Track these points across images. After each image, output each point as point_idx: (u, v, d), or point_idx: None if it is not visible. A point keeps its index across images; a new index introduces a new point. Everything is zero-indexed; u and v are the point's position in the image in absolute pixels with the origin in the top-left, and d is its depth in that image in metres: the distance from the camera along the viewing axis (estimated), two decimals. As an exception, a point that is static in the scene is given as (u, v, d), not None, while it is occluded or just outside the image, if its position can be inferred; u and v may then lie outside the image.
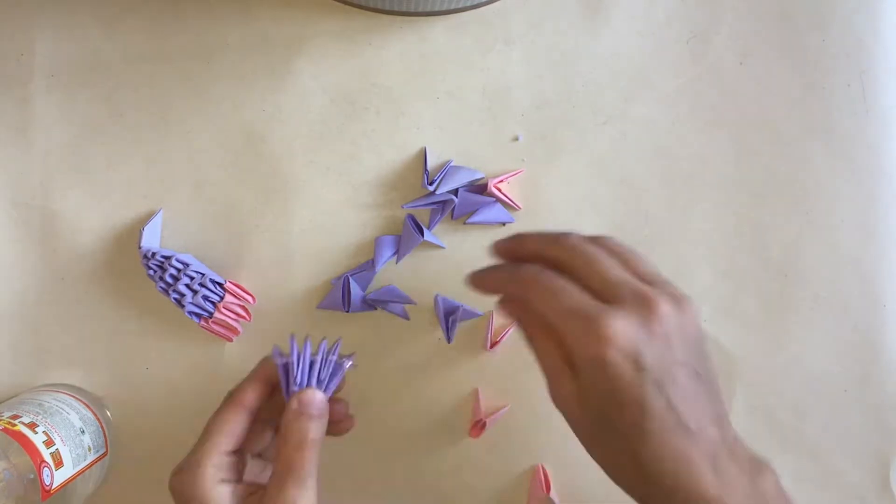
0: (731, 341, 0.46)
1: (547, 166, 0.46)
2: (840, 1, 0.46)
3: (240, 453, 0.37)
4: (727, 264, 0.46)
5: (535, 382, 0.45)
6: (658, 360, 0.33)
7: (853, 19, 0.46)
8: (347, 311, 0.45)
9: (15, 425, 0.39)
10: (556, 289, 0.35)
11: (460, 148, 0.46)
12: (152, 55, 0.46)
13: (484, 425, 0.45)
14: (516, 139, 0.46)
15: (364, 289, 0.46)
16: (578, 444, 0.41)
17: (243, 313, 0.46)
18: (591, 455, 0.36)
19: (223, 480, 0.36)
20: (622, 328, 0.33)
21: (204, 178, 0.47)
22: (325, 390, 0.37)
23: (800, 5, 0.46)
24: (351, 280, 0.45)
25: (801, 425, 0.46)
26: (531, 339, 0.37)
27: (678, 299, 0.35)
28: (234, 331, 0.45)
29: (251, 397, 0.38)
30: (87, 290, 0.47)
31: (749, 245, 0.46)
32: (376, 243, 0.45)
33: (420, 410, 0.46)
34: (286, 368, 0.37)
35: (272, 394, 0.38)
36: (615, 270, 0.36)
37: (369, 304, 0.46)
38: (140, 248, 0.45)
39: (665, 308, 0.34)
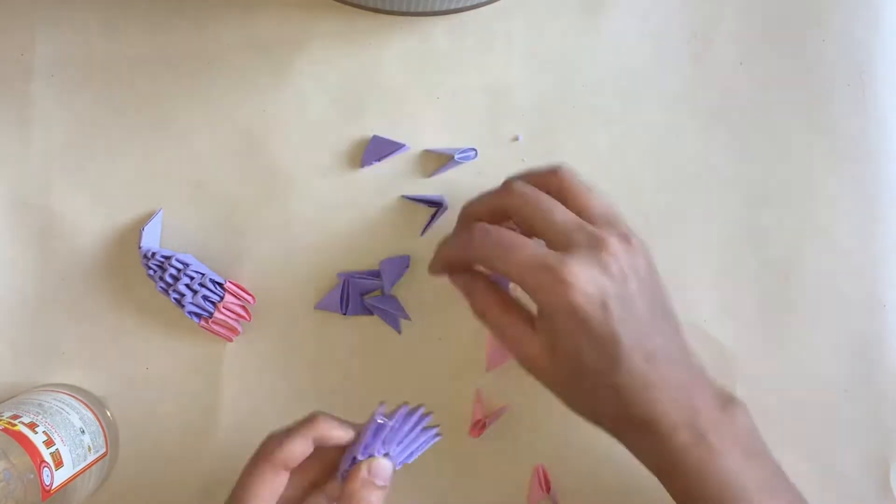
0: (731, 341, 0.46)
1: (547, 166, 0.46)
2: (840, 1, 0.46)
3: None
4: (727, 264, 0.46)
5: (535, 383, 0.45)
6: (618, 295, 0.35)
7: (853, 19, 0.46)
8: (345, 314, 0.45)
9: (15, 425, 0.39)
10: (510, 245, 0.36)
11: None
12: (152, 55, 0.46)
13: (484, 425, 0.45)
14: (516, 139, 0.46)
15: (365, 293, 0.46)
16: (578, 443, 0.41)
17: (243, 313, 0.46)
18: (569, 404, 0.38)
19: None
20: (582, 273, 0.35)
21: (204, 178, 0.47)
22: (399, 460, 0.37)
23: (800, 5, 0.46)
24: (351, 283, 0.45)
25: (801, 425, 0.46)
26: (484, 314, 0.39)
27: (626, 238, 0.37)
28: (234, 331, 0.45)
29: (295, 456, 0.35)
30: (87, 290, 0.47)
31: (749, 245, 0.46)
32: (381, 267, 0.45)
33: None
34: (377, 430, 0.36)
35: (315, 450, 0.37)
36: (564, 216, 0.37)
37: (367, 309, 0.46)
38: (140, 248, 0.45)
39: (616, 247, 0.36)
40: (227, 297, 0.45)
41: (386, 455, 0.37)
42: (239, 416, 0.46)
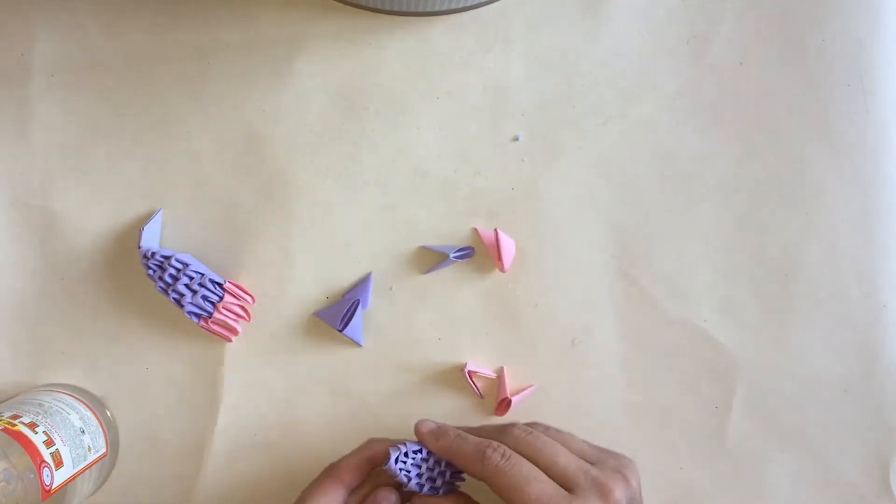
0: (731, 341, 0.46)
1: (547, 166, 0.46)
2: (840, 1, 0.46)
3: None
4: (727, 264, 0.46)
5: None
6: None
7: (853, 19, 0.46)
8: (340, 331, 0.45)
9: (15, 425, 0.39)
10: (526, 476, 0.38)
11: (460, 148, 0.46)
12: (152, 55, 0.46)
13: (509, 404, 0.45)
14: (516, 139, 0.46)
15: (366, 305, 0.46)
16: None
17: (242, 313, 0.46)
18: None
19: None
20: None
21: (204, 178, 0.47)
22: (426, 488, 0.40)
23: (800, 5, 0.46)
24: (359, 307, 0.45)
25: (801, 425, 0.46)
26: None
27: (624, 474, 0.38)
28: (234, 331, 0.45)
29: (352, 476, 0.41)
30: (87, 290, 0.47)
31: (749, 245, 0.46)
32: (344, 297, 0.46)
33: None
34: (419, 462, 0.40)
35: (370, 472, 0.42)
36: (568, 459, 0.39)
37: (359, 334, 0.46)
38: (140, 248, 0.45)
39: (619, 493, 0.37)
40: (227, 298, 0.45)
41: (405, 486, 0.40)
42: (239, 416, 0.46)
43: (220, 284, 0.45)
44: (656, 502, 0.46)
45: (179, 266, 0.44)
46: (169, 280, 0.44)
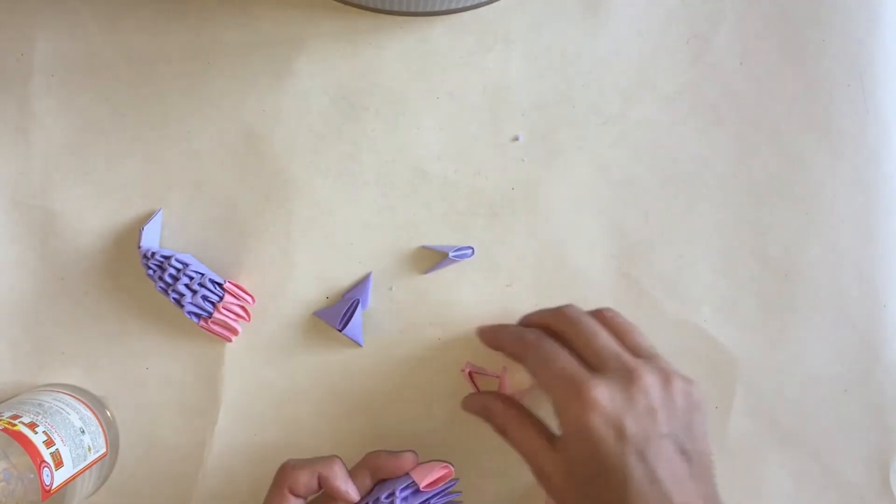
0: (731, 341, 0.46)
1: (547, 166, 0.46)
2: (840, 1, 0.46)
3: None
4: (727, 264, 0.46)
5: None
6: (641, 430, 0.34)
7: (853, 19, 0.46)
8: (340, 331, 0.45)
9: (15, 425, 0.39)
10: (549, 354, 0.37)
11: (460, 148, 0.46)
12: (152, 55, 0.46)
13: None
14: (516, 139, 0.46)
15: (366, 305, 0.46)
16: None
17: (242, 313, 0.46)
18: None
19: None
20: (605, 395, 0.34)
21: (204, 178, 0.47)
22: None
23: (800, 5, 0.46)
24: (359, 307, 0.45)
25: (801, 425, 0.46)
26: (504, 431, 0.39)
27: (666, 373, 0.36)
28: (234, 331, 0.45)
29: (298, 484, 0.38)
30: (87, 290, 0.47)
31: (749, 245, 0.46)
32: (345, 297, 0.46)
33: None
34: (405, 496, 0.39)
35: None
36: (606, 341, 0.37)
37: (359, 334, 0.46)
38: (140, 247, 0.45)
39: (649, 379, 0.35)
40: (227, 298, 0.45)
41: None
42: (239, 416, 0.46)
43: (220, 284, 0.45)
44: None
45: (179, 266, 0.44)
46: (169, 280, 0.44)
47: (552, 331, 0.40)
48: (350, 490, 0.38)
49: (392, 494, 0.39)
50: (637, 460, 0.33)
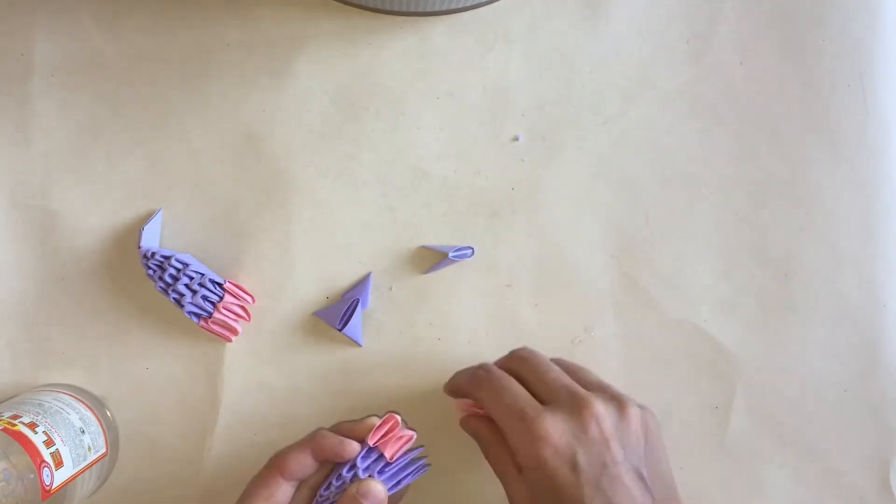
0: (731, 341, 0.46)
1: (547, 166, 0.46)
2: (840, 1, 0.46)
3: None
4: (727, 264, 0.46)
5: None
6: (594, 460, 0.34)
7: (853, 19, 0.46)
8: (340, 330, 0.45)
9: (15, 425, 0.39)
10: (501, 389, 0.38)
11: (460, 148, 0.46)
12: (152, 55, 0.46)
13: None
14: (516, 139, 0.46)
15: (366, 305, 0.46)
16: None
17: (243, 313, 0.46)
18: None
19: None
20: (555, 428, 0.35)
21: (204, 178, 0.47)
22: (391, 486, 0.38)
23: (800, 5, 0.46)
24: (359, 306, 0.45)
25: (801, 425, 0.46)
26: (486, 454, 0.40)
27: (619, 401, 0.36)
28: (234, 331, 0.45)
29: (293, 467, 0.38)
30: (87, 290, 0.47)
31: (749, 245, 0.46)
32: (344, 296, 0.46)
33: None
34: (366, 453, 0.37)
35: (322, 466, 0.38)
36: (557, 374, 0.38)
37: (359, 333, 0.46)
38: (140, 247, 0.45)
39: (599, 408, 0.35)
40: (227, 298, 0.45)
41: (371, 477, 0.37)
42: (239, 416, 0.46)
43: (220, 284, 0.45)
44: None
45: (179, 266, 0.44)
46: (169, 280, 0.44)
47: (508, 372, 0.40)
48: (346, 444, 0.37)
49: (354, 466, 0.37)
50: (593, 491, 0.34)
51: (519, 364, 0.40)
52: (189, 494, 0.46)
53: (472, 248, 0.46)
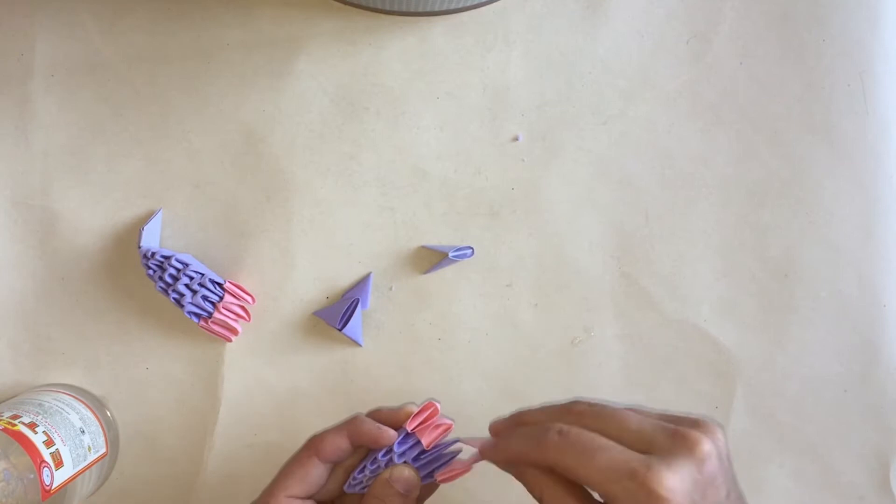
0: (731, 341, 0.46)
1: (547, 166, 0.46)
2: (840, 1, 0.46)
3: (314, 500, 0.38)
4: (727, 264, 0.46)
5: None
6: (712, 500, 0.31)
7: (853, 19, 0.46)
8: (340, 330, 0.45)
9: (15, 425, 0.39)
10: (590, 446, 0.32)
11: (460, 148, 0.46)
12: (152, 55, 0.46)
13: None
14: (516, 139, 0.46)
15: (366, 305, 0.46)
16: None
17: (243, 313, 0.46)
18: None
19: None
20: (675, 483, 0.30)
21: (204, 178, 0.47)
22: (424, 474, 0.38)
23: (800, 5, 0.46)
24: (359, 306, 0.45)
25: (801, 425, 0.46)
26: (541, 499, 0.34)
27: (711, 431, 0.32)
28: (234, 331, 0.45)
29: (329, 449, 0.38)
30: (87, 290, 0.47)
31: (749, 245, 0.46)
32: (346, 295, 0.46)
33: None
34: (403, 438, 0.38)
35: (358, 450, 0.39)
36: (639, 417, 0.33)
37: (359, 333, 0.46)
38: (140, 247, 0.45)
39: (707, 447, 0.31)
40: (227, 298, 0.45)
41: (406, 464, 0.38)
42: (239, 416, 0.46)
43: (220, 284, 0.45)
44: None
45: (179, 266, 0.44)
46: (169, 280, 0.44)
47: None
48: (384, 431, 0.37)
49: (390, 451, 0.37)
50: None
51: (582, 419, 0.34)
52: (189, 494, 0.46)
53: (472, 248, 0.46)
